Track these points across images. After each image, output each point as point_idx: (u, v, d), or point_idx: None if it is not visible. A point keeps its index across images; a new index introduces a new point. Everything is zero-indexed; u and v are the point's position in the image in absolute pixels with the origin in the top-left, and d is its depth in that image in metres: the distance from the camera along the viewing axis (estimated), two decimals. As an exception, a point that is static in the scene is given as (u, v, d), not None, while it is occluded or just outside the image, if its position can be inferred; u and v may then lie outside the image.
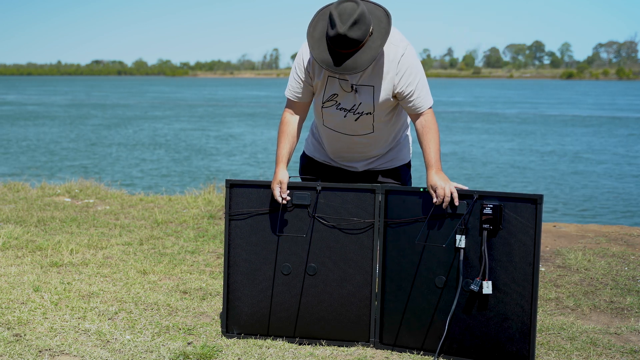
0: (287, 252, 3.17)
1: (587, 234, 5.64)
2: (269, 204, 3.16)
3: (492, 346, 2.96)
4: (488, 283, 2.91)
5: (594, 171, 16.10)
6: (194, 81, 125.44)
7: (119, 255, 4.63)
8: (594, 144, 22.40)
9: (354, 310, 3.14)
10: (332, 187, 3.14)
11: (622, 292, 4.06)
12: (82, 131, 25.60)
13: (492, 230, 2.90)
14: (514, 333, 2.91)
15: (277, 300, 3.19)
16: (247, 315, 3.21)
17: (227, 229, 3.20)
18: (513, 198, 2.89)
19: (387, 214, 3.10)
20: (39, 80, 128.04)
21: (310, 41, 2.94)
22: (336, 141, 3.22)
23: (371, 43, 2.88)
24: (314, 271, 3.15)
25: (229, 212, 3.19)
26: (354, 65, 2.87)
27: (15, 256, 4.54)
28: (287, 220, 3.16)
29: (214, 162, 17.62)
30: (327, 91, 3.09)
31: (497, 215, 2.89)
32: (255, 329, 3.21)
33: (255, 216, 3.18)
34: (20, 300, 3.63)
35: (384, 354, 3.09)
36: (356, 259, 3.13)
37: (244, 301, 3.21)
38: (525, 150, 20.12)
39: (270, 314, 3.19)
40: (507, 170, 16.11)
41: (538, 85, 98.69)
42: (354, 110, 3.09)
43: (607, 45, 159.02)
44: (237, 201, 3.19)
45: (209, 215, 6.04)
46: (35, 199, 6.71)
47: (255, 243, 3.19)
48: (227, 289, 3.22)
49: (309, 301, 3.17)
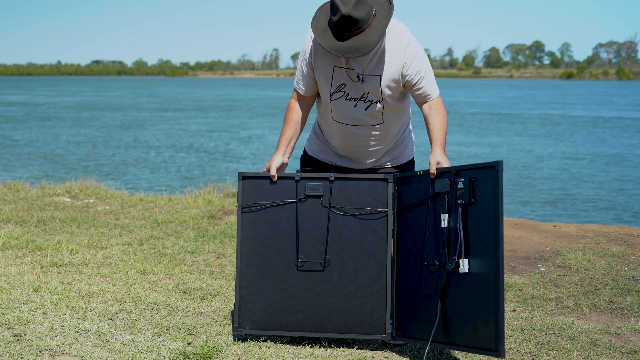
0: (300, 244, 3.14)
1: (587, 234, 5.64)
2: (282, 196, 3.15)
3: (463, 330, 2.85)
4: (464, 261, 2.82)
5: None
6: (195, 81, 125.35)
7: (119, 255, 4.63)
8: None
9: (369, 302, 3.11)
10: (344, 177, 3.14)
11: (622, 292, 4.06)
12: (110, 134, 25.36)
13: (465, 204, 2.84)
14: (482, 311, 2.77)
15: (290, 293, 3.14)
16: (260, 310, 3.16)
17: (239, 222, 3.17)
18: (476, 168, 2.84)
19: (399, 202, 3.10)
20: (40, 80, 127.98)
21: (316, 32, 2.97)
22: (347, 135, 3.20)
23: (376, 23, 2.91)
24: (329, 263, 3.13)
25: (241, 204, 3.17)
26: (363, 45, 2.88)
27: (15, 256, 4.54)
28: (300, 212, 3.14)
29: (238, 164, 17.56)
30: (334, 82, 3.10)
31: (470, 189, 2.83)
32: (268, 325, 3.15)
33: (267, 208, 3.16)
34: (20, 300, 3.63)
35: (384, 354, 3.09)
36: (370, 249, 3.12)
37: (256, 296, 3.16)
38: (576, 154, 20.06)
39: (284, 309, 3.14)
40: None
41: (547, 85, 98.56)
42: (365, 99, 3.10)
43: (607, 45, 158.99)
44: (250, 193, 3.17)
45: (209, 215, 6.04)
46: (35, 199, 6.71)
47: (267, 235, 3.16)
48: (240, 284, 3.17)
49: (323, 294, 3.13)
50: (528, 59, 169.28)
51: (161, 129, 27.40)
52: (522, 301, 3.89)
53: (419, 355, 3.08)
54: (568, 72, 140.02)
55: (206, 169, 16.27)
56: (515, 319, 3.58)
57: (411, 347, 3.17)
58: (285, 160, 3.20)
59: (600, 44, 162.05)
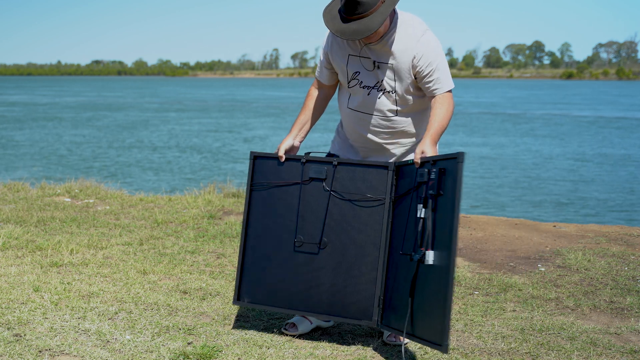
0: (300, 225, 3.21)
1: (587, 234, 5.64)
2: (288, 177, 3.23)
3: (424, 322, 2.84)
4: (429, 253, 2.82)
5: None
6: (195, 81, 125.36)
7: (119, 255, 4.63)
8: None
9: (359, 288, 3.12)
10: (348, 162, 3.18)
11: (622, 292, 4.06)
12: (114, 134, 25.33)
13: (435, 195, 2.85)
14: (436, 305, 2.76)
15: (287, 272, 3.22)
16: (258, 286, 3.27)
17: (247, 199, 3.28)
18: (444, 159, 2.85)
19: (396, 191, 3.10)
20: (41, 80, 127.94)
21: (325, 17, 3.04)
22: (360, 124, 3.22)
23: (383, 9, 2.95)
24: (324, 245, 3.17)
25: (250, 182, 3.29)
26: (365, 28, 2.92)
27: (15, 256, 4.54)
28: (303, 194, 3.21)
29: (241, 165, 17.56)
30: (349, 70, 3.16)
31: (439, 180, 2.84)
32: (265, 300, 3.25)
33: (274, 188, 3.27)
34: (20, 300, 3.62)
35: (384, 354, 3.09)
36: (366, 236, 3.13)
37: (256, 271, 3.27)
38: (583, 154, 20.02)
39: (280, 286, 3.23)
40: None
41: (548, 85, 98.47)
42: (378, 87, 3.13)
43: (607, 45, 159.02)
44: (259, 173, 3.29)
45: (209, 215, 6.04)
46: (35, 199, 6.71)
47: (271, 214, 3.26)
48: (243, 258, 3.29)
49: (317, 275, 3.18)
50: (528, 59, 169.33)
51: (164, 129, 27.40)
52: (522, 301, 3.89)
53: (419, 355, 3.08)
54: (568, 72, 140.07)
55: (213, 170, 16.19)
56: (515, 319, 3.59)
57: (411, 347, 3.17)
58: (296, 143, 3.29)
59: (600, 44, 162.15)
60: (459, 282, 4.23)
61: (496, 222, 6.08)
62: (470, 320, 3.55)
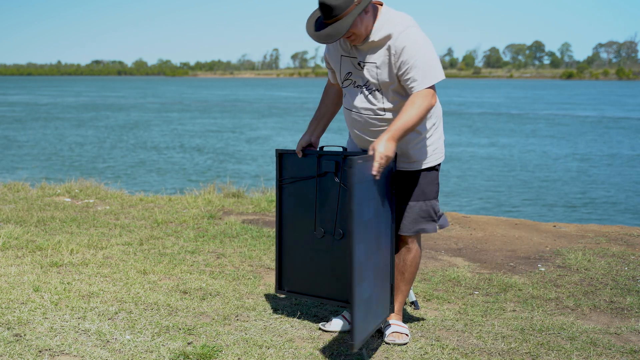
0: (319, 216, 3.41)
1: (587, 234, 5.64)
2: (307, 172, 3.42)
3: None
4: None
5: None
6: (196, 81, 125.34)
7: (119, 255, 4.63)
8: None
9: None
10: (354, 154, 3.28)
11: (622, 292, 4.06)
12: (118, 135, 25.28)
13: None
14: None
15: (315, 261, 3.45)
16: (294, 275, 3.55)
17: (277, 195, 3.54)
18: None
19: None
20: (41, 80, 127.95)
21: (307, 24, 3.14)
22: (356, 124, 3.28)
23: (355, 11, 3.00)
24: (340, 235, 3.34)
25: (279, 178, 3.51)
26: (336, 32, 2.99)
27: (15, 256, 4.54)
28: (319, 187, 3.40)
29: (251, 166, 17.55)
30: (342, 70, 3.26)
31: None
32: (301, 288, 3.53)
33: (297, 182, 3.48)
34: (20, 300, 3.63)
35: (384, 354, 3.10)
36: None
37: (289, 262, 3.55)
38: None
39: (310, 275, 3.48)
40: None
41: (549, 85, 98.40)
42: (367, 86, 3.20)
43: (607, 45, 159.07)
44: (285, 169, 3.51)
45: (209, 215, 6.04)
46: (35, 199, 6.71)
47: (297, 207, 3.48)
48: (280, 251, 3.57)
49: (338, 265, 3.36)
50: (528, 59, 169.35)
51: (167, 130, 27.38)
52: (522, 301, 3.89)
53: (419, 355, 3.08)
54: (568, 72, 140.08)
55: (219, 171, 16.13)
56: (515, 319, 3.59)
57: (412, 347, 3.18)
58: (314, 139, 3.43)
59: (600, 44, 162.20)
60: (459, 282, 4.24)
61: (496, 222, 6.08)
62: (470, 320, 3.55)
